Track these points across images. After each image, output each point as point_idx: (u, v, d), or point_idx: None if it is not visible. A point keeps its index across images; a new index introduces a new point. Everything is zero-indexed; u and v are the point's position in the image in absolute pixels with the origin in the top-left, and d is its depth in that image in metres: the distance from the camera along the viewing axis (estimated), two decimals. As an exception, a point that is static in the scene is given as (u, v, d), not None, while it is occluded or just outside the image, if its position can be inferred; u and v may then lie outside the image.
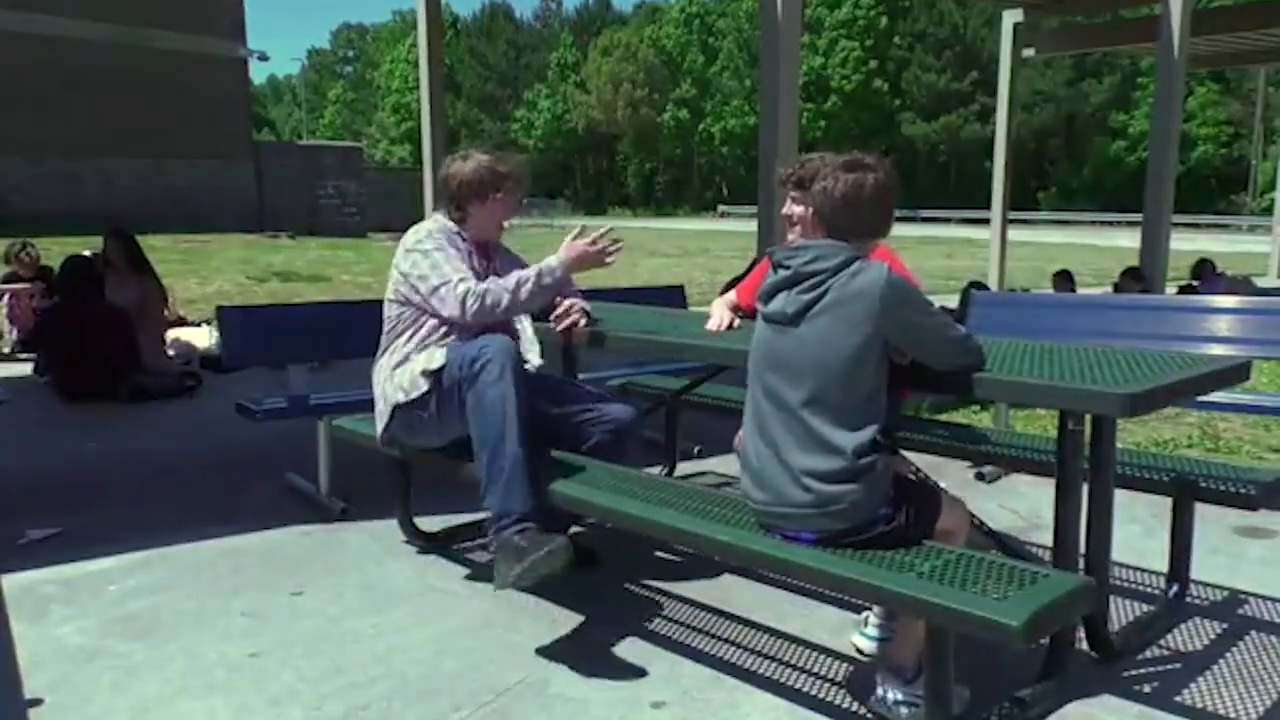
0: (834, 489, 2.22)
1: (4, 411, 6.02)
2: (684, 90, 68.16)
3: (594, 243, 3.17)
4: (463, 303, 3.01)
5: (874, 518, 2.26)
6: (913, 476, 2.74)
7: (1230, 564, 3.41)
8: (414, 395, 3.06)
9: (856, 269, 2.26)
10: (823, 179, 2.38)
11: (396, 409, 3.13)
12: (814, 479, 2.24)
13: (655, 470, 3.99)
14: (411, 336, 3.15)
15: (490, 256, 3.32)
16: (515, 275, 3.12)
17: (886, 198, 2.37)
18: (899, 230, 3.28)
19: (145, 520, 3.86)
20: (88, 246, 8.44)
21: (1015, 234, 14.39)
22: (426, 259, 3.09)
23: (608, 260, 3.20)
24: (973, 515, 2.70)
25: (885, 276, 2.22)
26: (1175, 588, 3.04)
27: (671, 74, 68.90)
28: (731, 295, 3.41)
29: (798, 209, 2.91)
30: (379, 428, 3.24)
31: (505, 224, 3.35)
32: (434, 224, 3.22)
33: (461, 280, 3.04)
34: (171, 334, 7.42)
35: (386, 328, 3.23)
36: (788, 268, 2.34)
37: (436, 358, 3.04)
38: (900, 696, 2.36)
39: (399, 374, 3.13)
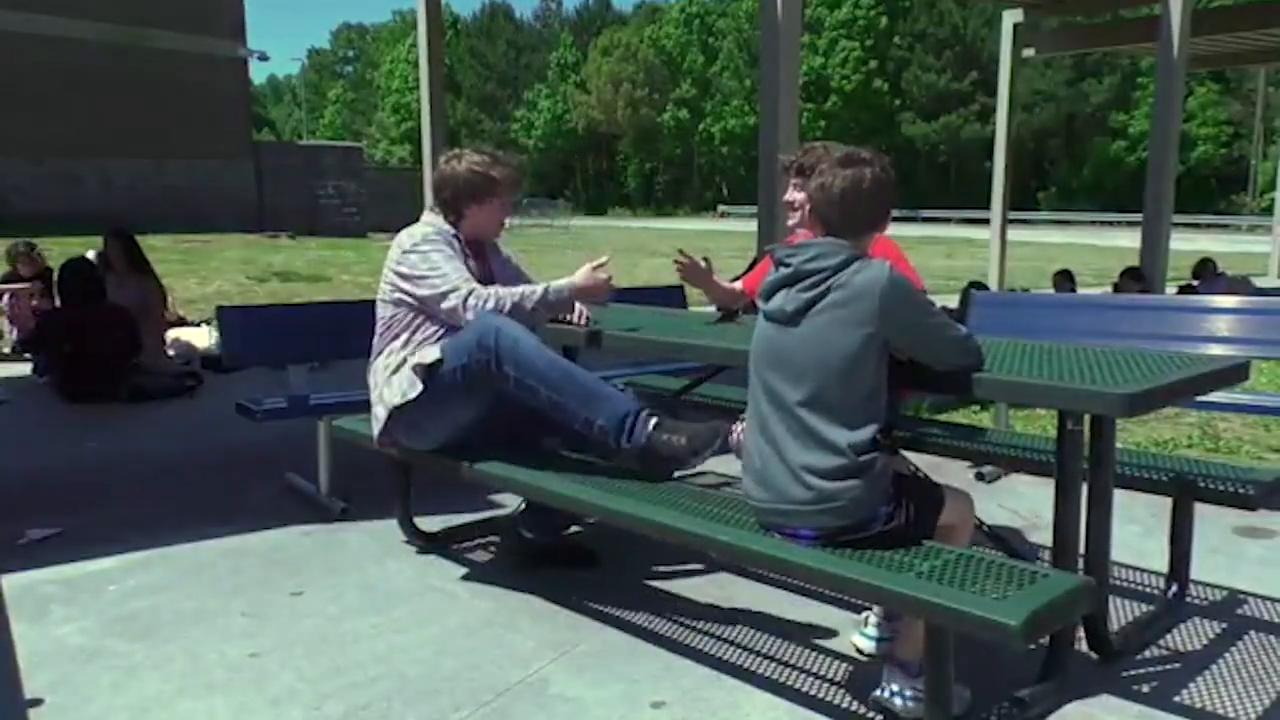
0: (834, 485, 2.22)
1: (4, 411, 6.03)
2: (684, 90, 68.14)
3: (602, 270, 3.18)
4: (465, 304, 3.04)
5: (874, 515, 2.26)
6: (910, 474, 2.74)
7: (1230, 564, 3.41)
8: (411, 395, 3.06)
9: (857, 268, 2.26)
10: (819, 175, 2.38)
11: (395, 411, 3.13)
12: (814, 476, 2.24)
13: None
14: (408, 340, 3.16)
15: (484, 256, 3.33)
16: (521, 288, 3.14)
17: (883, 192, 2.37)
18: (899, 230, 3.28)
19: (145, 520, 3.87)
20: (88, 246, 8.46)
21: (1015, 234, 14.38)
22: (425, 261, 3.11)
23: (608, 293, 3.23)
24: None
25: (886, 275, 2.23)
26: (1175, 588, 3.04)
27: (671, 74, 68.88)
28: (738, 284, 3.43)
29: (798, 195, 2.95)
30: (375, 430, 3.24)
31: (505, 223, 3.37)
32: (429, 226, 3.22)
33: (466, 281, 3.08)
34: (171, 334, 7.42)
35: (380, 329, 3.23)
36: (788, 265, 2.34)
37: (430, 354, 3.06)
38: (903, 689, 2.36)
39: (396, 379, 3.13)
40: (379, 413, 3.20)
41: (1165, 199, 7.89)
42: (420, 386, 3.05)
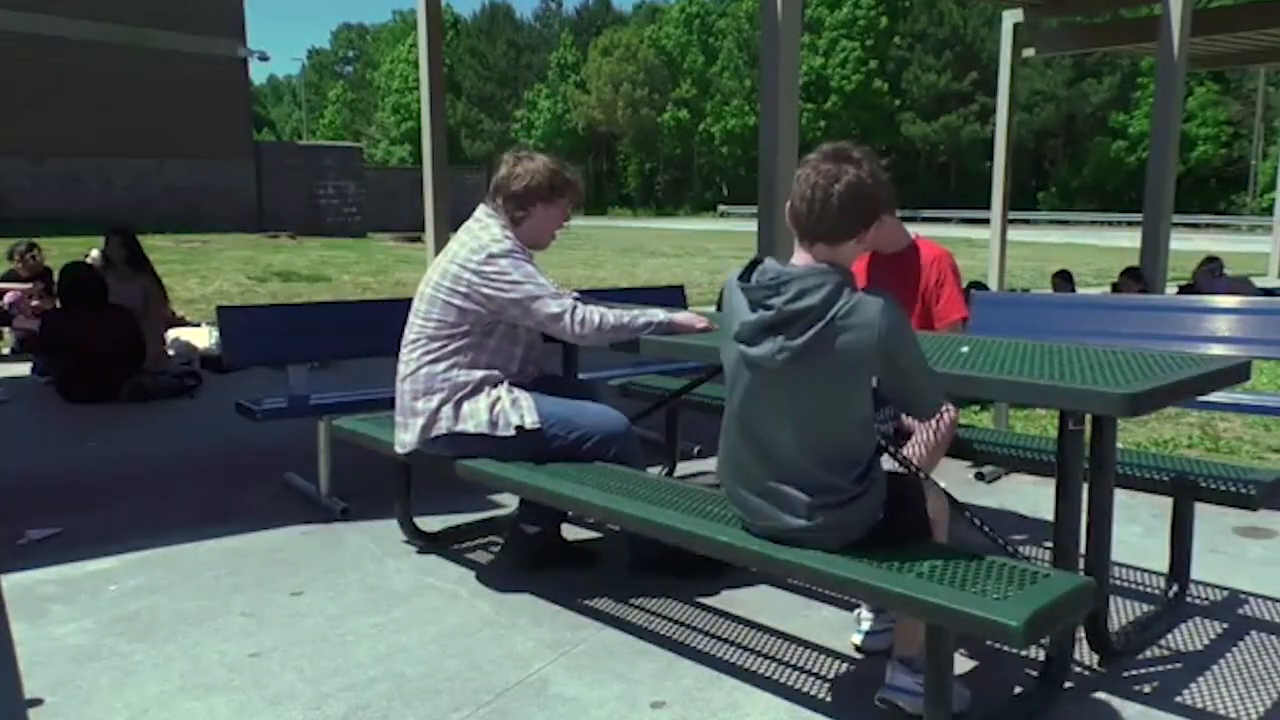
0: (836, 514, 2.22)
1: (4, 411, 6.02)
2: (684, 90, 68.15)
3: (702, 321, 3.17)
4: (572, 315, 2.99)
5: (872, 519, 2.26)
6: (891, 464, 2.71)
7: (1230, 564, 3.41)
8: (489, 434, 3.02)
9: (848, 304, 2.10)
10: (799, 179, 2.19)
11: (453, 432, 3.06)
12: (817, 511, 2.22)
13: (655, 470, 3.98)
14: (483, 362, 3.07)
15: None
16: (629, 312, 3.08)
17: (864, 197, 2.16)
18: (899, 230, 3.28)
19: (145, 520, 3.86)
20: (88, 246, 8.47)
21: (1015, 234, 14.39)
22: (518, 269, 3.02)
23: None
24: (973, 515, 2.70)
25: (882, 316, 2.09)
26: (1175, 588, 3.04)
27: (671, 74, 68.89)
28: None
29: None
30: (409, 437, 3.13)
31: (559, 232, 3.29)
32: (507, 240, 3.08)
33: (567, 293, 3.05)
34: (171, 334, 7.42)
35: (436, 330, 3.08)
36: (769, 309, 2.14)
37: (528, 415, 3.03)
38: (909, 685, 2.36)
39: (473, 405, 3.05)
40: (422, 421, 3.08)
41: (1165, 199, 7.88)
42: (509, 434, 3.01)
